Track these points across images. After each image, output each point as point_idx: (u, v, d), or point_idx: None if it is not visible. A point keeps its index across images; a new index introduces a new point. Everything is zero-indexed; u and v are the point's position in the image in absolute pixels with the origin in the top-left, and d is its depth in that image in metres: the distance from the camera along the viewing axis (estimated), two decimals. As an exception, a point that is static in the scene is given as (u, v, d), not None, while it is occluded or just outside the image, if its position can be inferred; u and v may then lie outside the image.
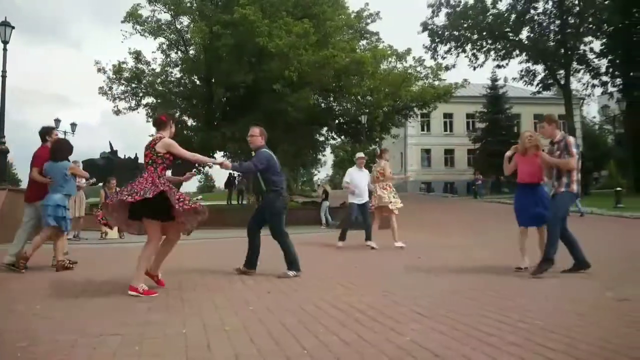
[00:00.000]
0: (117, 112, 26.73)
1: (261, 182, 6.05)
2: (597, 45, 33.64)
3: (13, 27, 12.69)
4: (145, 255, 4.80)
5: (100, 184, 13.90)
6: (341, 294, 4.69)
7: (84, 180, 12.50)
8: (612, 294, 4.45)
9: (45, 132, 7.11)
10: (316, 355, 2.78)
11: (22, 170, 72.62)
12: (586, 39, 33.51)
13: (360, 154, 10.30)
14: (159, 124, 5.13)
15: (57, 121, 26.73)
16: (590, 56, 33.88)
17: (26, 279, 5.93)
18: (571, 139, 5.91)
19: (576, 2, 32.83)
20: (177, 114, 25.75)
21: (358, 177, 9.65)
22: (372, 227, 9.54)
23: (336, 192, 26.80)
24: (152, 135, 5.17)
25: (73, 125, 28.53)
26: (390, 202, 9.41)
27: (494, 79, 41.02)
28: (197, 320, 3.65)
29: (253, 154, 6.10)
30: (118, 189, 12.64)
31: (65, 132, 26.96)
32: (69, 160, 6.80)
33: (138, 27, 25.20)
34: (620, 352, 2.74)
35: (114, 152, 23.96)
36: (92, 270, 6.63)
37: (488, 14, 34.57)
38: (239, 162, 5.66)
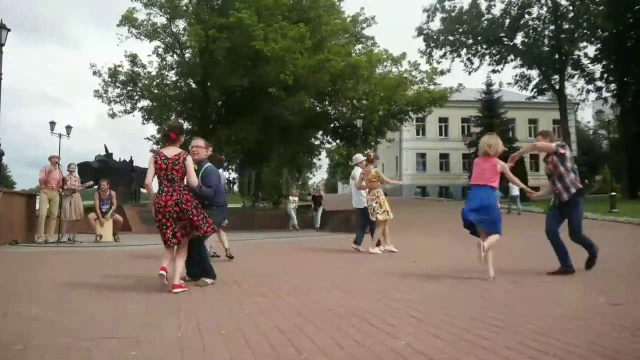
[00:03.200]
0: (113, 115, 26.71)
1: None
2: (591, 50, 33.89)
3: (9, 30, 12.67)
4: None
5: (95, 187, 13.86)
6: (336, 297, 4.70)
7: (79, 183, 12.50)
8: (606, 298, 4.48)
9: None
10: (311, 358, 2.80)
11: (16, 173, 72.45)
12: (580, 44, 33.70)
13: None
14: (171, 141, 5.26)
15: (53, 123, 26.61)
16: (585, 61, 34.10)
17: (19, 282, 5.91)
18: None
19: (570, 7, 33.02)
20: (173, 117, 25.74)
21: None
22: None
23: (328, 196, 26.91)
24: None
25: (68, 127, 28.35)
26: (381, 212, 9.12)
27: (489, 84, 41.17)
28: (193, 323, 3.65)
29: (195, 167, 5.87)
30: (113, 192, 12.71)
31: (60, 135, 26.88)
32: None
33: (134, 31, 25.20)
34: (612, 356, 2.76)
35: (109, 155, 23.89)
36: (87, 273, 6.62)
37: (483, 19, 34.74)
38: (199, 186, 5.53)
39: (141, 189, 20.97)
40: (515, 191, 21.11)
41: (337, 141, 31.85)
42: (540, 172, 34.15)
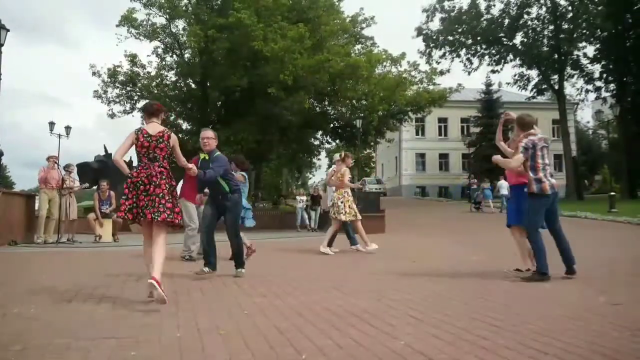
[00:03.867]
0: (112, 115, 26.67)
1: (223, 184, 6.02)
2: (590, 50, 33.99)
3: (8, 30, 12.67)
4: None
5: (94, 187, 13.85)
6: (336, 298, 4.69)
7: (77, 184, 12.50)
8: (605, 298, 4.48)
9: None
10: (311, 359, 2.79)
11: (15, 173, 72.50)
12: (580, 44, 33.75)
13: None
14: (156, 112, 4.88)
15: (52, 124, 26.62)
16: (584, 61, 34.20)
17: (19, 282, 5.91)
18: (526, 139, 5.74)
19: (569, 7, 33.06)
20: (172, 117, 25.74)
21: None
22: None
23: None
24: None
25: (68, 128, 28.35)
26: (345, 213, 9.09)
27: (488, 84, 41.19)
28: (192, 324, 3.65)
29: (206, 157, 6.01)
30: (112, 192, 12.70)
31: (59, 135, 26.89)
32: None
33: (133, 31, 25.15)
34: (612, 356, 2.76)
35: (108, 155, 23.86)
36: (86, 273, 6.61)
37: (482, 19, 34.79)
38: (203, 171, 5.59)
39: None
40: (504, 190, 21.11)
41: (337, 141, 31.83)
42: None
